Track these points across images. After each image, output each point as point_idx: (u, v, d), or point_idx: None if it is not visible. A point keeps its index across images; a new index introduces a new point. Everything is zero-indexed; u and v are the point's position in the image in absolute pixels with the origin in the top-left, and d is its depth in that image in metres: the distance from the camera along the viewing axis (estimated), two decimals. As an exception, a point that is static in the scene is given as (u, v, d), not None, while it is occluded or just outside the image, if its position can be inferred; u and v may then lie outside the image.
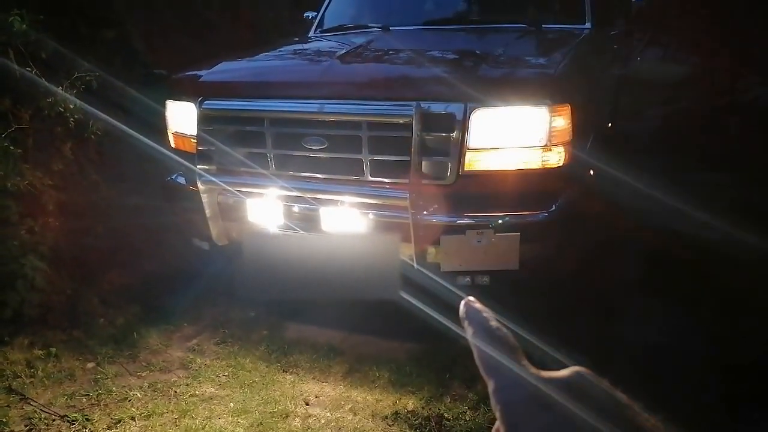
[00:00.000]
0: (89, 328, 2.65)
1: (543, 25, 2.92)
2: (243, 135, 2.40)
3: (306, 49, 3.10)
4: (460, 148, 2.08)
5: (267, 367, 2.41)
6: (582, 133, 2.22)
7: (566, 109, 2.08)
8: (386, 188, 2.17)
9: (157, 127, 2.74)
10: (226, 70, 2.64)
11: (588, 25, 2.95)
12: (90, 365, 2.45)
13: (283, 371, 2.38)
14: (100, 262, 2.90)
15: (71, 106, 2.67)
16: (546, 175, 2.10)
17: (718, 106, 5.31)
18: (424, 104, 2.07)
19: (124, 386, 2.31)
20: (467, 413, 2.10)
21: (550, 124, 2.04)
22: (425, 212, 2.09)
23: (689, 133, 4.98)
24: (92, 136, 2.81)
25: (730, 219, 2.90)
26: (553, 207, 2.11)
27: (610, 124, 3.52)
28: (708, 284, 2.69)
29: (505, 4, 3.28)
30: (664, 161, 4.25)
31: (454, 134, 2.08)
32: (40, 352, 2.48)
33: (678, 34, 6.28)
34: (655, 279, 2.85)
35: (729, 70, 5.36)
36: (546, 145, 2.06)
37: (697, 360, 2.31)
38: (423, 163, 2.12)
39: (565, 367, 0.42)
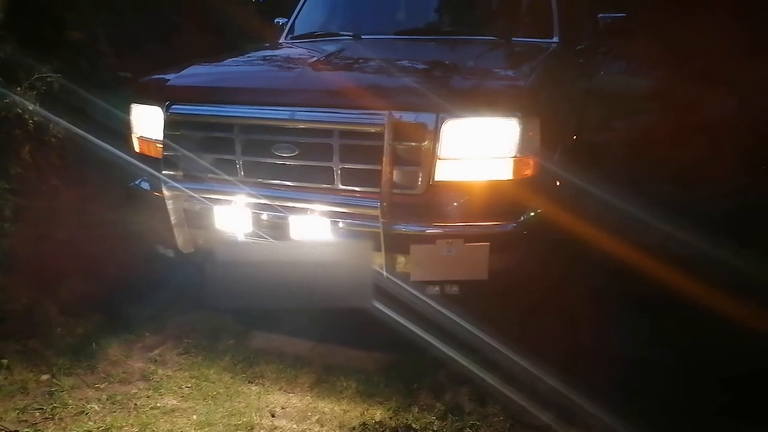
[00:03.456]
0: (46, 338, 2.55)
1: (512, 38, 2.97)
2: (211, 141, 2.36)
3: (277, 56, 3.07)
4: (431, 158, 2.09)
5: (232, 377, 2.36)
6: (550, 144, 2.25)
7: (536, 121, 2.11)
8: (357, 197, 2.16)
9: (121, 131, 2.67)
10: (195, 74, 2.59)
11: (556, 39, 3.01)
12: (44, 377, 2.35)
13: (249, 382, 2.34)
14: (59, 269, 2.80)
15: (30, 108, 2.58)
16: (515, 185, 2.12)
17: (681, 119, 5.47)
18: (396, 113, 2.07)
19: (81, 399, 2.23)
20: (435, 423, 2.09)
21: (520, 135, 2.07)
22: (396, 221, 2.08)
23: (652, 146, 5.13)
24: (53, 140, 2.72)
25: (693, 231, 2.99)
26: (522, 217, 2.13)
27: (575, 137, 3.59)
28: (672, 294, 2.75)
29: (475, 16, 3.33)
30: (628, 173, 4.35)
31: (425, 144, 2.08)
32: (-9, 363, 2.38)
33: (643, 49, 6.47)
34: (621, 288, 2.91)
35: (692, 84, 5.55)
36: (515, 156, 2.08)
37: (662, 369, 2.36)
38: (394, 172, 2.11)
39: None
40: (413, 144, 2.10)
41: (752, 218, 3.48)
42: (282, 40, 3.57)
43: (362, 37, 3.15)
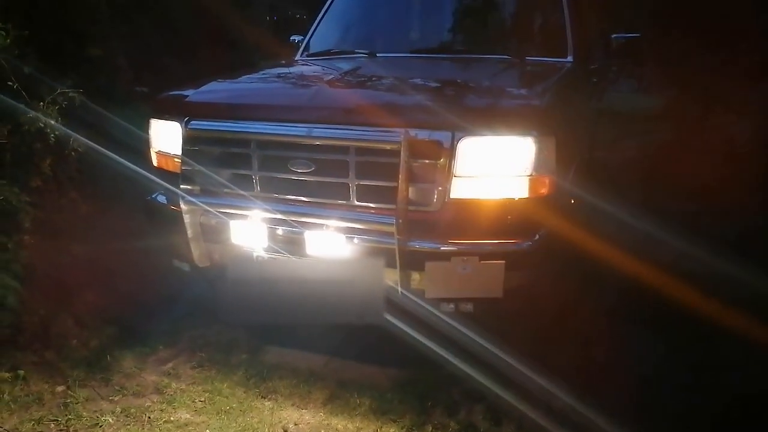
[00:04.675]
0: (61, 350, 2.57)
1: (527, 58, 2.99)
2: (228, 156, 2.38)
3: (294, 73, 3.11)
4: (447, 175, 2.10)
5: (245, 392, 2.36)
6: (565, 163, 2.26)
7: (551, 140, 2.12)
8: (372, 213, 2.17)
9: (138, 145, 2.70)
10: (213, 90, 2.63)
11: (570, 58, 3.03)
12: (60, 389, 2.37)
13: (262, 397, 2.33)
14: (76, 282, 2.83)
15: (52, 123, 2.62)
16: (531, 204, 2.12)
17: (689, 138, 5.48)
18: (412, 131, 2.09)
19: (96, 411, 2.24)
20: (449, 442, 2.08)
21: (536, 154, 2.08)
22: (411, 238, 2.09)
23: (661, 164, 5.13)
24: (72, 153, 2.76)
25: (706, 248, 2.98)
26: (537, 236, 2.13)
27: (589, 155, 3.60)
28: (686, 312, 2.74)
29: (490, 35, 3.35)
30: (638, 191, 4.35)
31: (441, 162, 2.10)
32: (8, 374, 2.39)
33: (654, 69, 6.51)
34: (635, 306, 2.90)
35: (700, 104, 5.57)
36: (531, 175, 2.09)
37: (676, 387, 2.35)
38: (410, 189, 2.12)
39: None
40: (429, 161, 2.11)
41: (765, 237, 3.47)
42: (298, 57, 3.61)
43: (377, 55, 3.18)
